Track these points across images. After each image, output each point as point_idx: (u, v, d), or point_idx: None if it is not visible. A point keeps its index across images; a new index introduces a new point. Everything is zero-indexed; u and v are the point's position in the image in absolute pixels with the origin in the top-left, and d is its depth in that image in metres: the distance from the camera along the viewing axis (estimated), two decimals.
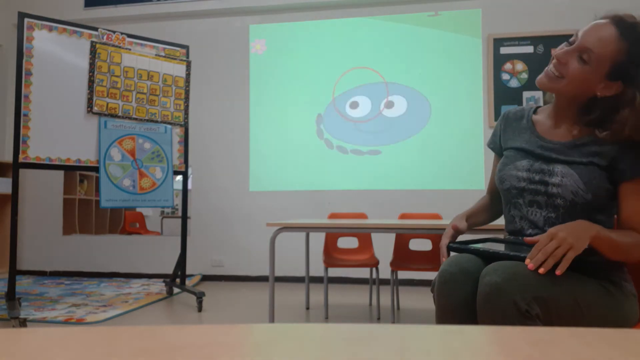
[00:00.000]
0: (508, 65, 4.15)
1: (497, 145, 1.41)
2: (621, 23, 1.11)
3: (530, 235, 1.23)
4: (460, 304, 1.10)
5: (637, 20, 1.12)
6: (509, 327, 0.47)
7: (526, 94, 4.11)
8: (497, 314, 1.00)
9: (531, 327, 0.47)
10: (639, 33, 1.10)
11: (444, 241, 1.28)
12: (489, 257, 1.15)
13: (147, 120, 3.35)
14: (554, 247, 1.02)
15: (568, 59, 1.15)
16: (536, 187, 1.21)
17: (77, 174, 5.08)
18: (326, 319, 3.00)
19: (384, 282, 3.12)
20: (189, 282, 3.91)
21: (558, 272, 1.00)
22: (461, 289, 1.10)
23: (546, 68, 1.22)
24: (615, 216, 1.21)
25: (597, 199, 1.15)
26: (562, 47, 1.18)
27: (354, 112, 4.39)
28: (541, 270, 1.00)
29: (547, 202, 1.20)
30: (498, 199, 1.41)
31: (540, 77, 1.21)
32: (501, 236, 1.43)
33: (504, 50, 4.15)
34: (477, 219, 1.41)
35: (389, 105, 4.33)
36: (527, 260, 1.03)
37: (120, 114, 3.24)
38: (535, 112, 1.35)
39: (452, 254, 1.24)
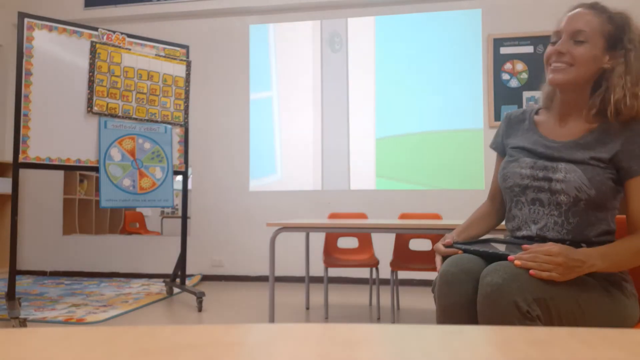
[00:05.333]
0: (508, 65, 4.15)
1: (499, 145, 1.41)
2: (590, 6, 1.21)
3: (530, 233, 1.23)
4: (461, 304, 1.10)
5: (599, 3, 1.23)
6: (509, 327, 0.47)
7: (526, 94, 4.11)
8: (497, 315, 1.00)
9: (531, 327, 0.47)
10: (606, 7, 1.20)
11: (437, 256, 1.27)
12: (489, 258, 1.15)
13: (147, 120, 3.35)
14: (545, 261, 1.03)
15: (567, 48, 1.17)
16: (539, 184, 1.20)
17: (77, 174, 5.08)
18: (326, 319, 3.00)
19: (384, 282, 3.12)
20: (189, 282, 3.91)
21: (532, 272, 1.02)
22: (462, 289, 1.10)
23: (550, 67, 1.21)
24: (625, 215, 1.20)
25: (600, 195, 1.14)
26: (550, 47, 1.22)
27: (353, 112, 4.39)
28: (517, 263, 1.04)
29: (549, 200, 1.19)
30: (500, 204, 1.40)
31: (553, 76, 1.20)
32: (502, 236, 1.43)
33: (504, 50, 4.16)
34: (471, 232, 1.37)
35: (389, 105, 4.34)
36: (513, 257, 1.06)
37: (120, 114, 3.24)
38: (537, 113, 1.35)
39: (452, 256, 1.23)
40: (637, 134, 1.14)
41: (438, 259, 1.25)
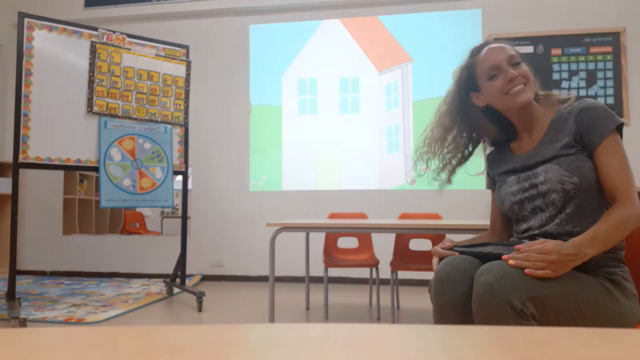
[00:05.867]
0: None
1: (490, 182, 1.49)
2: (486, 43, 1.37)
3: (533, 232, 1.25)
4: (457, 303, 1.12)
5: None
6: (509, 327, 0.47)
7: None
8: (492, 314, 1.01)
9: (531, 327, 0.47)
10: (505, 41, 1.36)
11: (435, 256, 1.30)
12: (484, 258, 1.16)
13: (147, 120, 3.35)
14: (538, 260, 1.04)
15: (515, 73, 1.27)
16: (530, 193, 1.25)
17: (77, 174, 5.08)
18: (326, 319, 3.00)
19: (384, 282, 3.12)
20: (189, 282, 3.91)
21: (527, 271, 1.04)
22: (457, 288, 1.12)
23: (512, 92, 1.27)
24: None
25: (585, 179, 1.17)
26: (496, 81, 1.30)
27: (353, 112, 4.39)
28: (511, 263, 1.05)
29: (545, 202, 1.23)
30: (501, 233, 1.46)
31: (523, 97, 1.27)
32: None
33: None
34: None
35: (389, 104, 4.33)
36: (506, 256, 1.07)
37: (120, 114, 3.24)
38: (509, 141, 1.41)
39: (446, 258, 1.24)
40: (585, 110, 1.21)
41: (435, 260, 1.27)
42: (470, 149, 1.45)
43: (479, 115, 1.38)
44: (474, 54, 1.37)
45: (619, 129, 1.20)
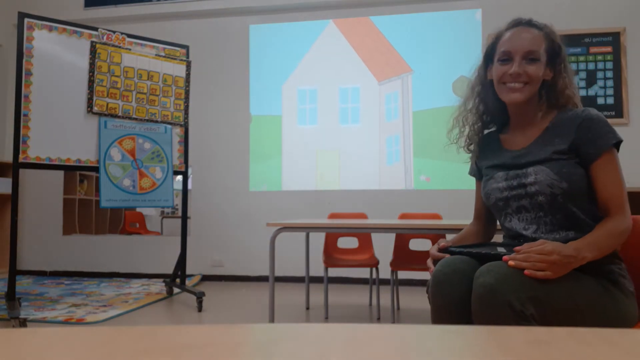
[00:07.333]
0: None
1: (477, 170, 1.47)
2: (529, 23, 1.32)
3: (527, 238, 1.24)
4: (455, 304, 1.11)
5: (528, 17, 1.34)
6: (508, 327, 0.47)
7: None
8: (491, 315, 1.01)
9: (531, 327, 0.47)
10: (541, 24, 1.32)
11: (429, 259, 1.29)
12: (482, 259, 1.16)
13: (147, 120, 3.35)
14: (538, 260, 1.04)
15: (523, 68, 1.25)
16: (517, 192, 1.26)
17: (77, 174, 5.08)
18: (326, 319, 3.00)
19: (384, 282, 3.12)
20: (189, 282, 3.91)
21: (527, 272, 1.03)
22: (455, 290, 1.12)
23: (507, 87, 1.27)
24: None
25: (573, 186, 1.18)
26: (502, 67, 1.27)
27: (353, 112, 4.39)
28: (511, 264, 1.05)
29: (531, 204, 1.24)
30: (487, 222, 1.47)
31: (513, 96, 1.26)
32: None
33: None
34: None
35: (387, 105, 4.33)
36: (507, 257, 1.07)
37: (120, 114, 3.24)
38: (501, 132, 1.41)
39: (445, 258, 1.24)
40: (587, 121, 1.20)
41: (429, 261, 1.27)
42: (479, 124, 1.42)
43: (488, 87, 1.37)
44: (509, 26, 1.33)
45: (617, 144, 1.20)
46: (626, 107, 3.95)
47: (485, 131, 1.45)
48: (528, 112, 1.31)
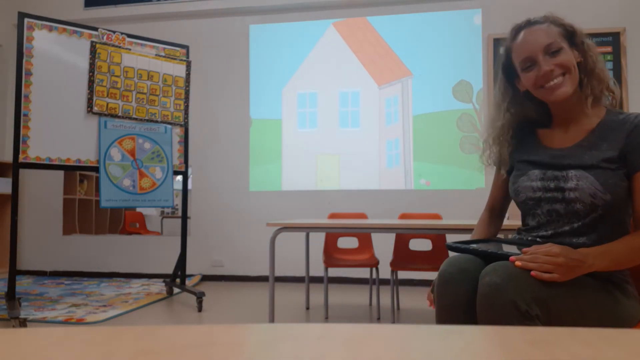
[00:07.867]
0: None
1: (504, 161, 1.34)
2: (527, 23, 1.29)
3: (546, 234, 1.21)
4: (460, 304, 1.10)
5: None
6: (509, 327, 0.47)
7: None
8: (496, 315, 1.00)
9: (531, 327, 0.47)
10: (539, 17, 1.30)
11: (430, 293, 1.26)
12: (488, 257, 1.15)
13: (147, 120, 3.35)
14: (545, 262, 1.02)
15: (549, 67, 1.17)
16: (553, 195, 1.18)
17: (77, 174, 5.08)
18: (326, 319, 3.00)
19: (384, 282, 3.12)
20: (189, 282, 3.91)
21: (533, 273, 1.02)
22: (460, 289, 1.10)
23: (547, 87, 1.18)
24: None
25: (616, 199, 1.12)
26: (530, 73, 1.21)
27: (353, 116, 4.39)
28: (517, 264, 1.03)
29: (566, 210, 1.17)
30: (498, 215, 1.44)
31: (559, 92, 1.17)
32: (510, 236, 1.43)
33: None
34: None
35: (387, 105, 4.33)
36: (514, 258, 1.06)
37: (120, 114, 3.24)
38: (537, 126, 1.32)
39: (452, 253, 1.24)
40: (638, 127, 1.13)
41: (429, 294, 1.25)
42: (510, 132, 1.33)
43: (519, 96, 1.31)
44: (512, 37, 1.27)
45: None
46: (626, 107, 3.94)
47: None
48: (574, 107, 1.21)
